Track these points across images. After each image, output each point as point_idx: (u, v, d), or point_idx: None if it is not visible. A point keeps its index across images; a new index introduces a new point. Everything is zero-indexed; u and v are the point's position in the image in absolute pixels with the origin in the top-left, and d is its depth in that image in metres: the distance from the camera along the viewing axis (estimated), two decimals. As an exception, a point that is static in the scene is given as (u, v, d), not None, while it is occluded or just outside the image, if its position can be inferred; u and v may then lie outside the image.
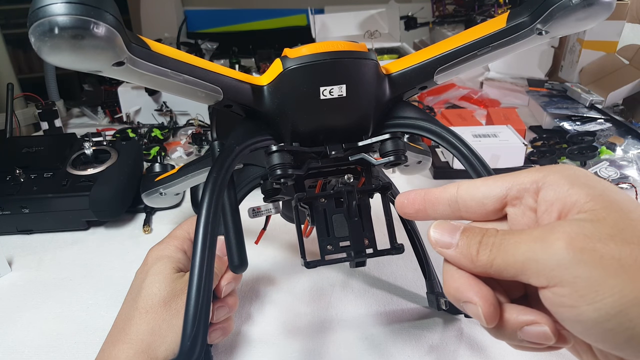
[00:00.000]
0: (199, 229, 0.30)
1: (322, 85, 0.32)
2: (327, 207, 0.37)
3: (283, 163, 0.33)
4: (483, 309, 0.22)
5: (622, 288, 0.19)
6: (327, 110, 0.34)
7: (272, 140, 0.35)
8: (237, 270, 0.35)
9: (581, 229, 0.20)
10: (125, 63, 0.26)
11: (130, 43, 0.26)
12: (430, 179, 0.74)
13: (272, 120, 0.34)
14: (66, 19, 0.23)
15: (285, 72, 0.32)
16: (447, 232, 0.24)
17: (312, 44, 0.33)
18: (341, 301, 0.49)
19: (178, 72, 0.29)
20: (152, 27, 1.55)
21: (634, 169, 0.71)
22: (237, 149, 0.33)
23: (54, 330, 0.46)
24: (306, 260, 0.36)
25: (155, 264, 0.38)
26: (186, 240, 0.40)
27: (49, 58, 0.24)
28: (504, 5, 1.12)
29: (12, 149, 0.69)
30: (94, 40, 0.24)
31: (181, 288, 0.37)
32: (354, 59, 0.33)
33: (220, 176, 0.32)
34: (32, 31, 0.23)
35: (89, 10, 0.23)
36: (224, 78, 0.32)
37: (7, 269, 0.55)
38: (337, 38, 1.24)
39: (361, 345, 0.43)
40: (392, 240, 0.39)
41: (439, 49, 0.35)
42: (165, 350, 0.35)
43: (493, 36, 0.33)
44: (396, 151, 0.35)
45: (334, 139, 0.36)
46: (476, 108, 0.99)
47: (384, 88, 0.35)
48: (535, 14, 0.31)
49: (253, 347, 0.44)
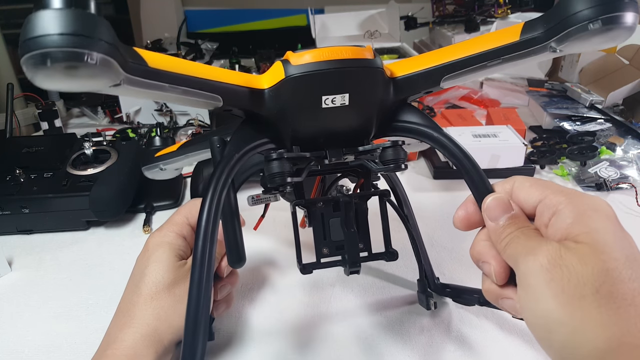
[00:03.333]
0: (199, 233, 0.31)
1: (325, 95, 0.32)
2: (325, 212, 0.37)
3: (282, 172, 0.33)
4: (495, 269, 0.29)
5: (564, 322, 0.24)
6: (329, 118, 0.33)
7: (272, 144, 0.35)
8: (236, 266, 0.36)
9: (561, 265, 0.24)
10: (122, 83, 0.26)
11: (127, 62, 0.25)
12: (430, 179, 0.74)
13: (272, 124, 0.34)
14: (58, 51, 0.22)
15: (287, 80, 0.32)
16: (500, 208, 0.29)
17: (316, 49, 0.32)
18: (340, 300, 0.49)
19: (176, 85, 0.29)
20: (152, 27, 1.55)
21: (634, 169, 0.71)
22: (237, 156, 0.33)
23: (54, 330, 0.46)
24: (302, 264, 0.37)
25: (156, 250, 0.39)
26: (185, 225, 0.41)
27: (43, 85, 0.24)
28: (504, 5, 1.12)
29: (12, 149, 0.70)
30: (88, 69, 0.23)
31: (184, 274, 0.39)
32: (358, 68, 0.32)
33: (219, 184, 0.32)
34: (24, 62, 0.23)
35: (82, 40, 0.23)
36: (222, 85, 0.31)
37: (7, 269, 0.55)
38: (337, 38, 1.24)
39: (360, 343, 0.43)
40: (387, 245, 0.40)
41: (448, 55, 0.34)
42: (171, 333, 0.37)
43: (505, 49, 0.32)
44: (396, 160, 0.35)
45: (335, 143, 0.36)
46: (476, 108, 0.99)
47: (388, 92, 0.35)
48: (551, 32, 0.30)
49: (252, 342, 0.44)
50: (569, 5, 0.29)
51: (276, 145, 0.36)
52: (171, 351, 0.38)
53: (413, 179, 0.73)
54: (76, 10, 0.23)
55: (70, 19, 0.23)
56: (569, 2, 0.29)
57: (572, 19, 0.29)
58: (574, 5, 0.29)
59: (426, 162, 0.78)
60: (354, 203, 0.37)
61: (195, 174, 0.67)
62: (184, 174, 0.74)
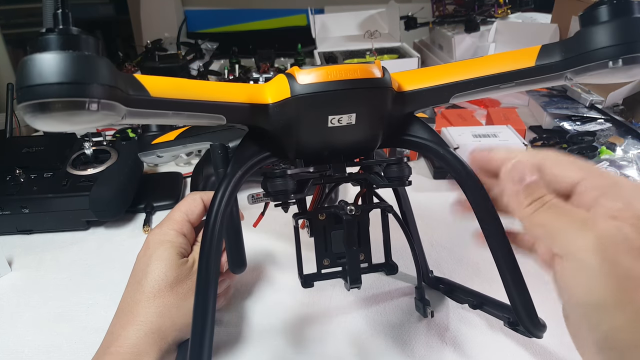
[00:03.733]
0: (205, 241, 0.31)
1: (331, 115, 0.31)
2: (327, 224, 0.37)
3: (285, 190, 0.33)
4: None
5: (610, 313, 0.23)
6: (334, 135, 0.33)
7: (275, 157, 0.35)
8: (237, 271, 0.37)
9: (615, 237, 0.23)
10: (125, 117, 0.25)
11: (129, 97, 0.25)
12: (430, 179, 0.74)
13: (276, 137, 0.34)
14: (58, 102, 0.22)
15: (292, 99, 0.31)
16: (527, 170, 0.28)
17: (323, 68, 0.31)
18: (340, 299, 0.49)
19: (179, 111, 0.29)
20: (152, 27, 1.55)
21: (634, 169, 0.71)
22: (240, 173, 0.33)
23: (54, 330, 0.46)
24: (303, 276, 0.37)
25: (158, 248, 0.39)
26: (185, 223, 0.42)
27: (43, 129, 0.24)
28: (504, 5, 1.12)
29: (12, 149, 0.70)
30: (89, 115, 0.23)
31: (186, 273, 0.39)
32: (366, 89, 0.31)
33: (224, 201, 0.32)
34: (22, 108, 0.22)
35: (81, 89, 0.22)
36: (225, 105, 0.30)
37: (7, 269, 0.55)
38: (337, 38, 1.24)
39: (359, 342, 0.43)
40: (388, 257, 0.40)
41: (460, 73, 0.33)
42: (174, 331, 0.37)
43: (520, 73, 0.31)
44: (401, 177, 0.35)
45: (339, 157, 0.36)
46: (476, 108, 0.99)
47: (395, 108, 0.34)
48: (569, 62, 0.29)
49: (251, 339, 0.44)
50: (591, 39, 0.28)
51: (279, 158, 0.35)
52: (174, 349, 0.38)
53: (413, 179, 0.73)
54: (74, 54, 0.22)
55: (68, 64, 0.22)
56: (590, 36, 0.28)
57: (593, 55, 0.28)
58: (596, 41, 0.28)
59: (426, 162, 0.78)
60: (356, 220, 0.37)
61: (195, 174, 0.67)
62: (184, 174, 0.74)
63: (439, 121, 0.86)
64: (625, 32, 0.27)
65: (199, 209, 0.42)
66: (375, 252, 0.40)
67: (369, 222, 0.39)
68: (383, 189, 0.38)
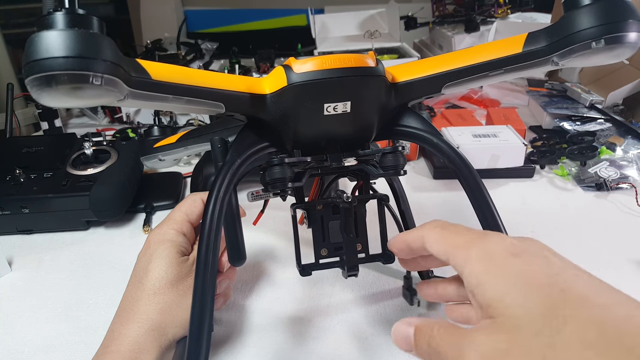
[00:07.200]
0: (203, 237, 0.31)
1: (327, 102, 0.32)
2: (324, 214, 0.38)
3: (283, 177, 0.34)
4: None
5: None
6: (330, 124, 0.34)
7: (273, 147, 0.35)
8: (237, 264, 0.37)
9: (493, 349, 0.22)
10: (127, 98, 0.26)
11: (131, 78, 0.26)
12: (430, 179, 0.74)
13: (273, 128, 0.34)
14: (63, 74, 0.22)
15: (288, 87, 0.32)
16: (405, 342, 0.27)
17: (319, 57, 0.32)
18: (339, 294, 0.49)
19: (179, 95, 0.29)
20: (152, 27, 1.55)
21: (634, 169, 0.71)
22: (239, 161, 0.33)
23: (54, 330, 0.46)
24: (301, 265, 0.38)
25: (158, 247, 0.40)
26: (185, 222, 0.42)
27: (48, 104, 0.24)
28: (503, 5, 1.12)
29: (12, 149, 0.70)
30: (93, 90, 0.24)
31: (187, 271, 0.39)
32: (360, 77, 0.32)
33: (222, 189, 0.32)
34: (29, 83, 0.23)
35: (86, 63, 0.23)
36: (225, 93, 0.31)
37: (7, 269, 0.55)
38: (337, 38, 1.24)
39: (357, 338, 0.43)
40: (384, 247, 0.40)
41: (450, 63, 0.34)
42: (174, 327, 0.37)
43: (508, 59, 0.32)
44: (396, 166, 0.36)
45: (336, 147, 0.36)
46: (476, 108, 0.99)
47: (389, 98, 0.35)
48: (554, 46, 0.30)
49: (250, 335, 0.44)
50: (574, 22, 0.29)
51: (277, 148, 0.36)
52: (174, 346, 0.38)
53: (413, 179, 0.73)
54: (79, 31, 0.23)
55: (74, 40, 0.23)
56: (573, 18, 0.29)
57: (576, 36, 0.29)
58: (578, 23, 0.29)
59: (426, 162, 0.78)
60: (353, 208, 0.37)
61: (195, 174, 0.67)
62: (184, 174, 0.74)
63: (439, 121, 0.86)
64: (606, 13, 0.28)
65: (199, 209, 0.43)
66: (373, 245, 0.40)
67: (366, 214, 0.39)
68: (379, 184, 0.39)
